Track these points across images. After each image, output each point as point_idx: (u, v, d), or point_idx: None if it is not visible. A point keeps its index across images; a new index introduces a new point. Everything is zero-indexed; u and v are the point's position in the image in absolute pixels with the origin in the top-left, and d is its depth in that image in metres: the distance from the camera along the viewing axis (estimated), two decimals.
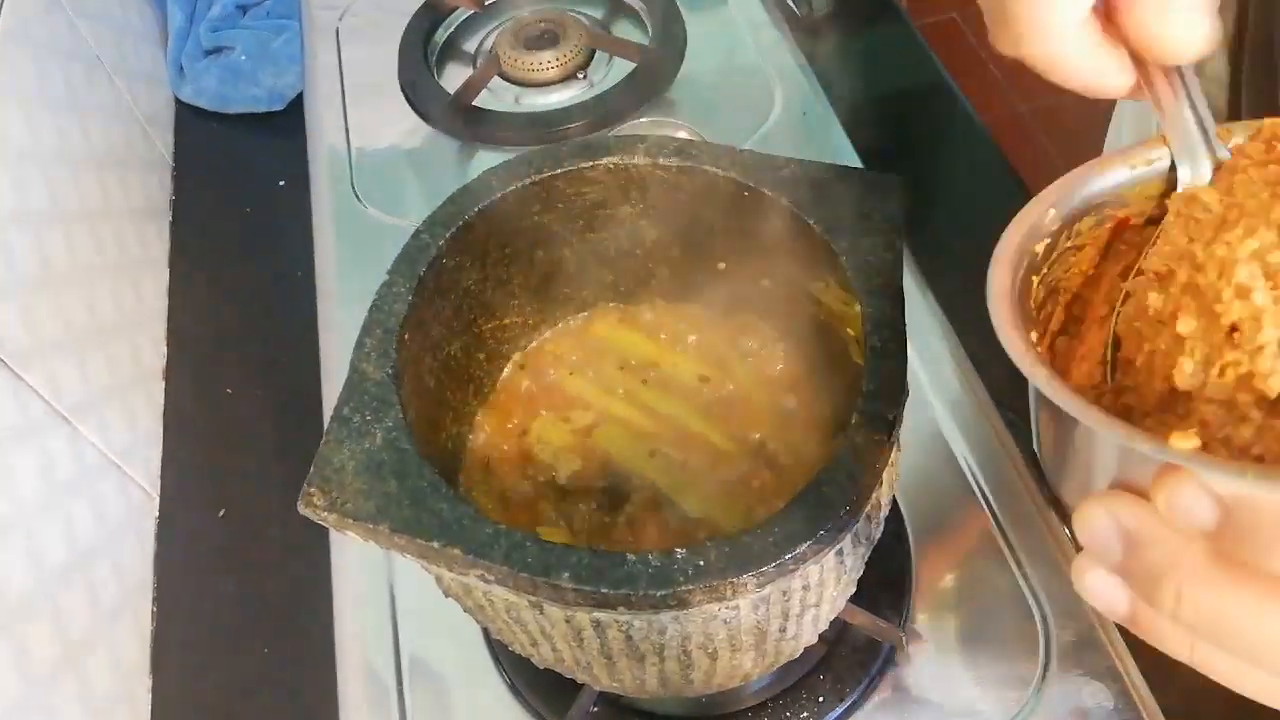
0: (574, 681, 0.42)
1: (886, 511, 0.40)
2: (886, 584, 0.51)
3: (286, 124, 0.89)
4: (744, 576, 0.31)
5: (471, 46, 0.86)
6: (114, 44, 0.85)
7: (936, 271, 0.65)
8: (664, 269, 0.48)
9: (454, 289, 0.43)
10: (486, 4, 0.86)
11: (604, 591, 0.31)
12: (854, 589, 0.41)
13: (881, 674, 0.50)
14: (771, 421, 0.45)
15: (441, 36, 0.85)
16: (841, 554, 0.36)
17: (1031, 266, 0.31)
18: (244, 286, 0.82)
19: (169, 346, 0.78)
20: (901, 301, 0.37)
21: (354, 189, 0.74)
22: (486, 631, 0.52)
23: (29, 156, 0.66)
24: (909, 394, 0.36)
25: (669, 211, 0.45)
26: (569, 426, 0.46)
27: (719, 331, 0.49)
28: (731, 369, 0.47)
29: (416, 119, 0.78)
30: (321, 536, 0.56)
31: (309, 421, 0.63)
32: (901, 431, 0.36)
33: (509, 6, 0.87)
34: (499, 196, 0.42)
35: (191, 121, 0.94)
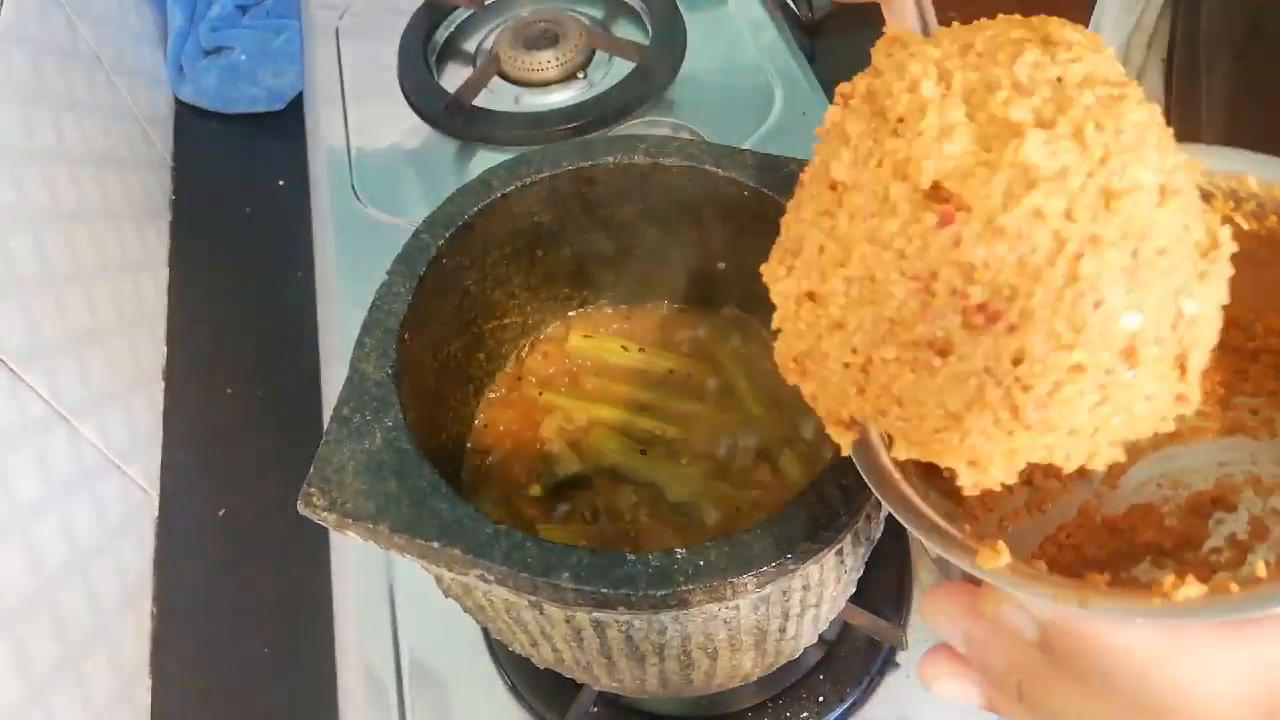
0: (574, 682, 0.42)
1: (886, 511, 0.40)
2: (887, 584, 0.51)
3: (286, 124, 0.90)
4: (744, 576, 0.31)
5: (471, 46, 0.86)
6: (114, 44, 0.85)
7: None
8: (663, 269, 0.48)
9: (454, 289, 0.43)
10: (486, 4, 0.86)
11: (604, 591, 0.31)
12: (854, 589, 0.41)
13: (882, 674, 0.50)
14: (770, 421, 0.45)
15: (441, 36, 0.85)
16: (841, 554, 0.36)
17: None
18: (244, 286, 0.82)
19: (169, 346, 0.78)
20: None
21: (354, 189, 0.74)
22: (486, 631, 0.52)
23: (28, 156, 0.66)
24: None
25: (669, 211, 0.45)
26: (568, 426, 0.46)
27: (717, 331, 0.49)
28: (730, 368, 0.47)
29: (416, 119, 0.78)
30: (321, 536, 0.55)
31: (309, 421, 0.63)
32: None
33: (509, 6, 0.87)
34: (499, 196, 0.42)
35: (191, 121, 0.94)
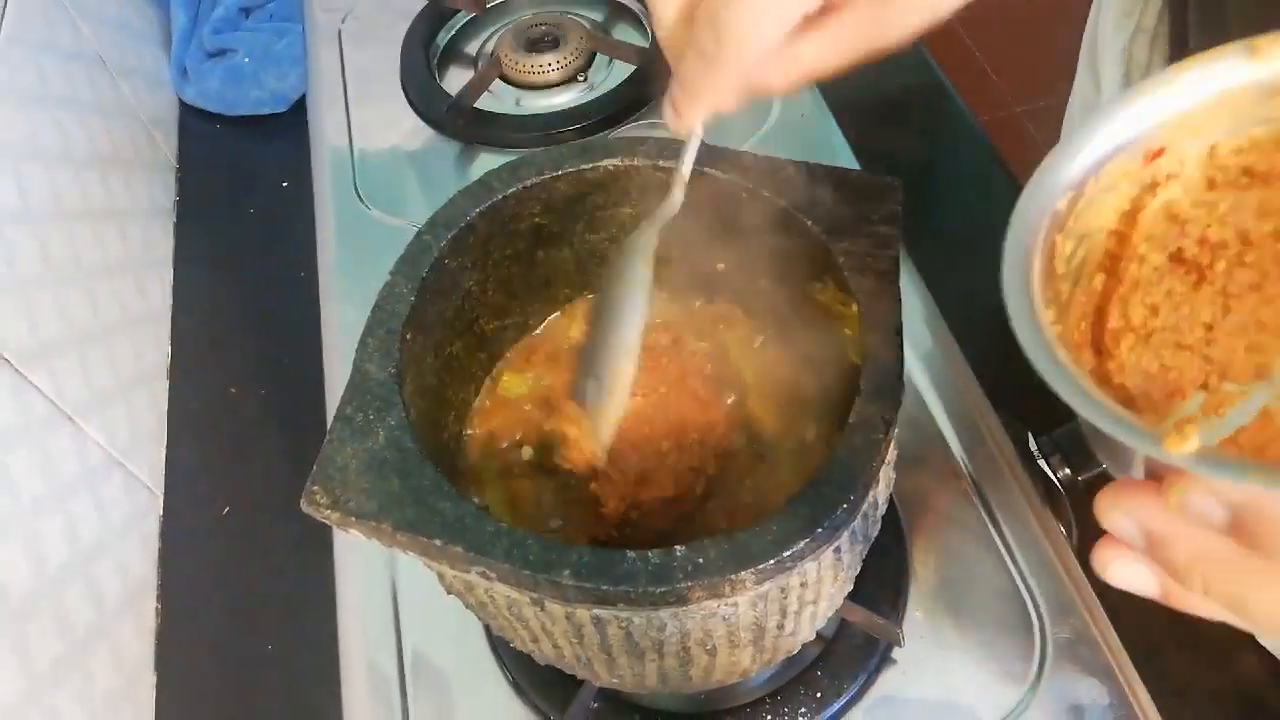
0: (575, 678, 0.42)
1: (884, 510, 0.41)
2: (884, 582, 0.52)
3: (289, 126, 0.90)
4: (742, 574, 0.31)
5: (473, 49, 0.86)
6: (117, 46, 0.86)
7: (934, 272, 0.65)
8: (663, 269, 0.49)
9: (456, 289, 0.43)
10: (488, 7, 0.86)
11: (604, 588, 0.31)
12: (852, 586, 0.42)
13: (879, 670, 0.50)
14: (769, 421, 0.46)
15: (443, 39, 0.86)
16: (839, 552, 0.36)
17: (1056, 224, 0.28)
18: (247, 287, 0.82)
19: (173, 346, 0.78)
20: (899, 302, 0.38)
21: (356, 190, 0.74)
22: (488, 628, 0.52)
23: (32, 157, 0.66)
24: (905, 394, 0.36)
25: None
26: (568, 425, 0.46)
27: (717, 331, 0.49)
28: (729, 368, 0.48)
29: (418, 121, 0.78)
30: (325, 535, 0.56)
31: (312, 421, 0.63)
32: (898, 431, 0.36)
33: (510, 10, 0.87)
34: (500, 198, 0.42)
35: (195, 123, 0.94)
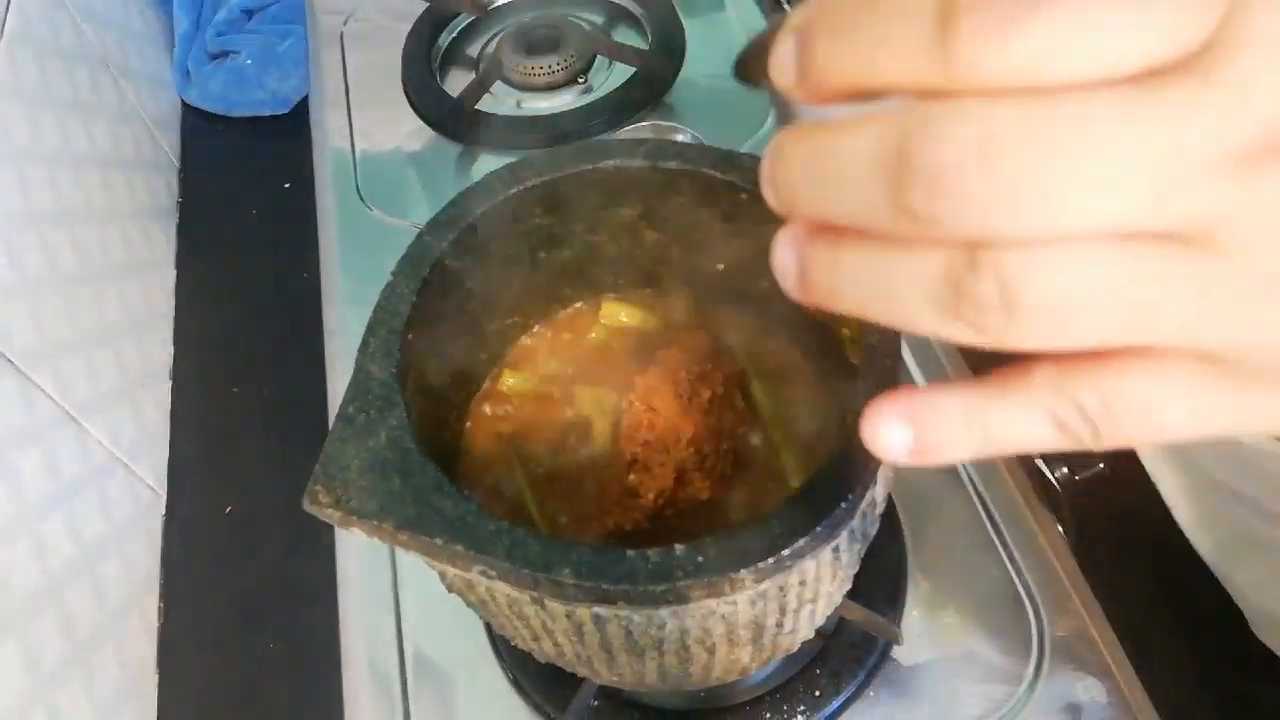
0: (575, 676, 0.43)
1: (882, 509, 0.41)
2: (882, 580, 0.52)
3: (291, 127, 0.90)
4: (741, 572, 0.32)
5: (474, 51, 0.86)
6: (120, 47, 0.86)
7: None
8: (663, 270, 0.49)
9: (457, 289, 0.43)
10: (489, 9, 0.86)
11: (604, 587, 0.32)
12: (850, 585, 0.42)
13: (877, 668, 0.50)
14: (768, 420, 0.46)
15: (444, 42, 0.86)
16: (838, 550, 0.36)
17: None
18: (250, 287, 0.83)
19: (176, 346, 0.79)
20: None
21: (358, 191, 0.75)
22: (489, 627, 0.52)
23: (35, 158, 0.67)
24: None
25: (668, 214, 0.45)
26: (568, 425, 0.47)
27: (716, 331, 0.49)
28: (729, 368, 0.48)
29: (420, 123, 0.79)
30: (326, 534, 0.56)
31: (314, 420, 0.63)
32: None
33: (511, 12, 0.87)
34: (501, 199, 0.43)
35: (197, 124, 0.95)
